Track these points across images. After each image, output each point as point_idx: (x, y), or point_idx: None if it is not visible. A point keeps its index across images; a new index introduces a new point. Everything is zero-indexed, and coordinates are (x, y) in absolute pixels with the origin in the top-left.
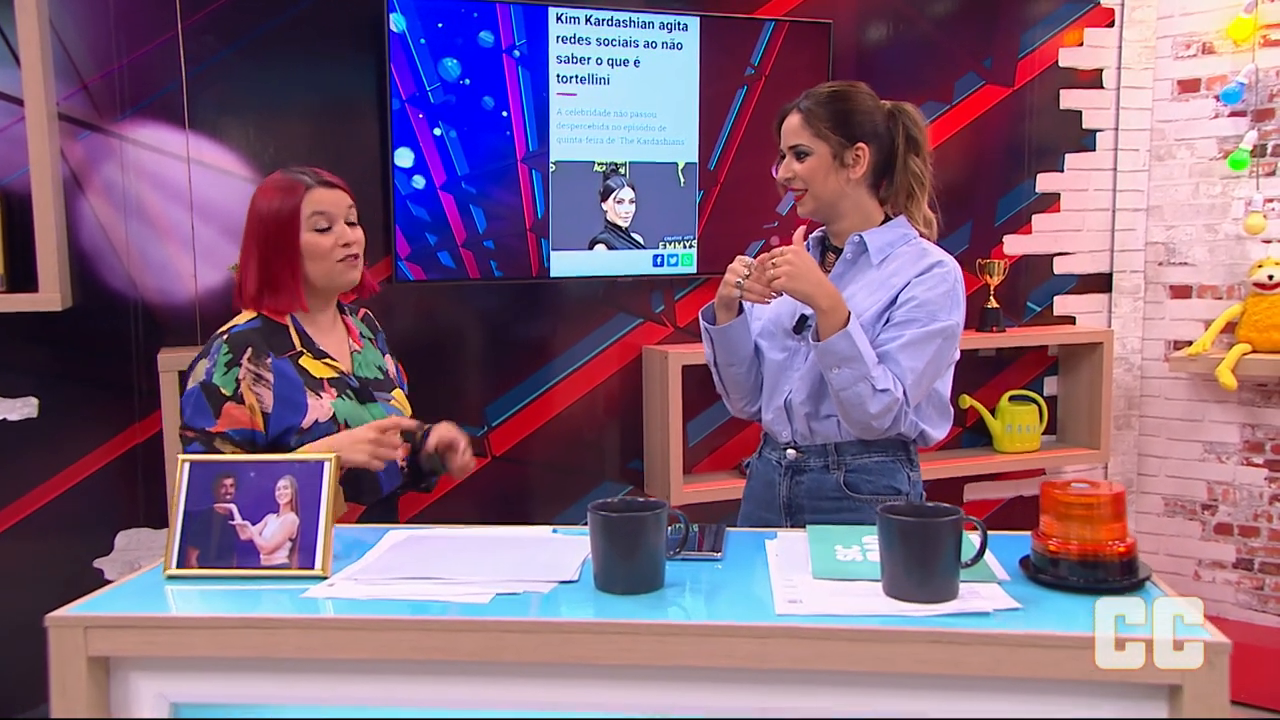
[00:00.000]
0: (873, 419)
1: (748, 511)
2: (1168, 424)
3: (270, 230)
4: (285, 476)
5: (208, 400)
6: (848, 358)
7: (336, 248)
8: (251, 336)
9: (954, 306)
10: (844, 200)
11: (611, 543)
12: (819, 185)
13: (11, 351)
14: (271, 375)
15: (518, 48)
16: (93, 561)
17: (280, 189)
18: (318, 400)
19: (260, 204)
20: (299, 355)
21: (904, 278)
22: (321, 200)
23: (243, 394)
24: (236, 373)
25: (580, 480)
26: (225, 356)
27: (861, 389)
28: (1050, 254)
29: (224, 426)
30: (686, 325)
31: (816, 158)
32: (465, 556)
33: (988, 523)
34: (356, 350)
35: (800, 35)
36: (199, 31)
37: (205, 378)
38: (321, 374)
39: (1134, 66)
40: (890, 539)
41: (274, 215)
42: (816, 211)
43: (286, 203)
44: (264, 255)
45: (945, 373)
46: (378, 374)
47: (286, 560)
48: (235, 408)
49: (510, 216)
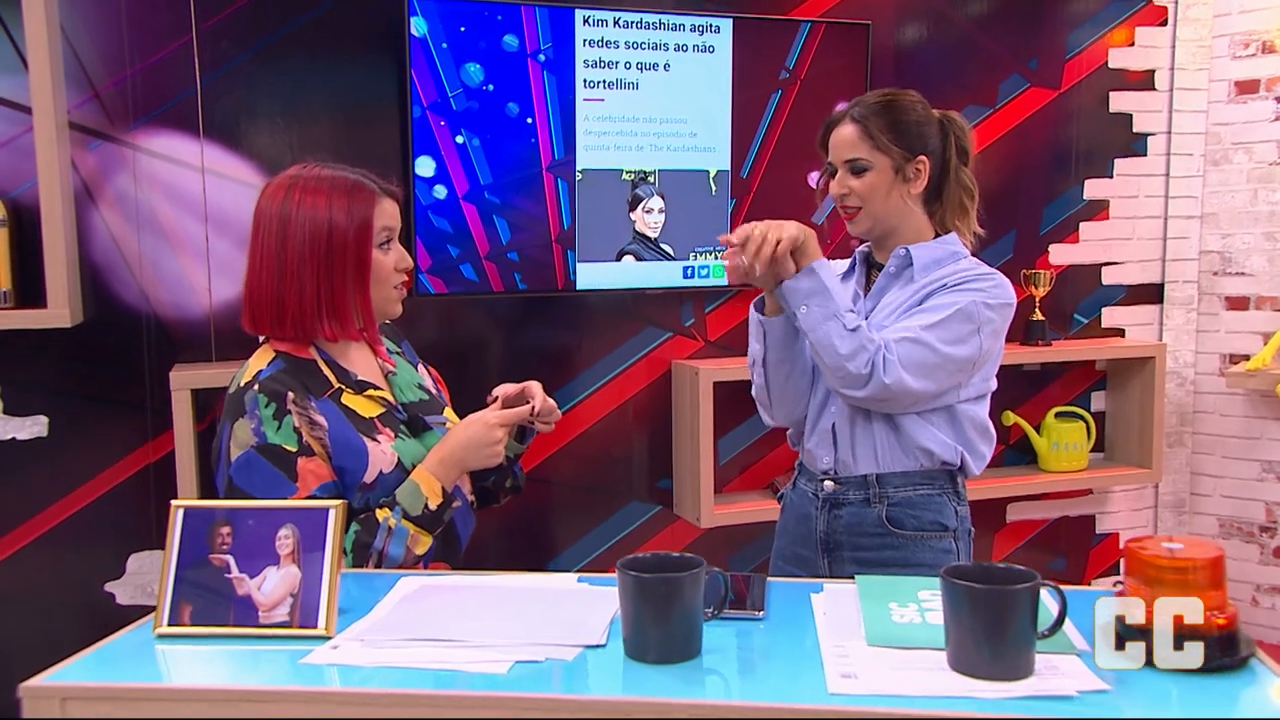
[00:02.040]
0: (845, 361)
1: (781, 547)
2: (1223, 441)
3: (338, 244)
4: (286, 525)
5: (276, 465)
6: (812, 292)
7: (396, 272)
8: (285, 380)
9: (986, 309)
10: (901, 218)
11: (643, 606)
12: (878, 203)
13: (21, 368)
14: (324, 420)
15: (543, 52)
16: (104, 585)
17: (347, 193)
18: (376, 446)
19: (313, 206)
20: (339, 393)
21: (940, 284)
22: (390, 213)
23: (309, 444)
24: (290, 421)
25: (607, 500)
26: (268, 409)
27: (831, 327)
28: (1098, 264)
29: (310, 489)
30: (718, 339)
31: (877, 173)
32: (483, 613)
33: (1031, 544)
34: (391, 372)
35: (837, 37)
36: (214, 37)
37: (259, 440)
38: (370, 412)
39: (1188, 67)
40: (957, 607)
41: (343, 225)
42: (871, 231)
43: (356, 213)
44: (323, 273)
45: (971, 377)
46: (421, 395)
47: (287, 618)
48: (309, 462)
49: (535, 227)
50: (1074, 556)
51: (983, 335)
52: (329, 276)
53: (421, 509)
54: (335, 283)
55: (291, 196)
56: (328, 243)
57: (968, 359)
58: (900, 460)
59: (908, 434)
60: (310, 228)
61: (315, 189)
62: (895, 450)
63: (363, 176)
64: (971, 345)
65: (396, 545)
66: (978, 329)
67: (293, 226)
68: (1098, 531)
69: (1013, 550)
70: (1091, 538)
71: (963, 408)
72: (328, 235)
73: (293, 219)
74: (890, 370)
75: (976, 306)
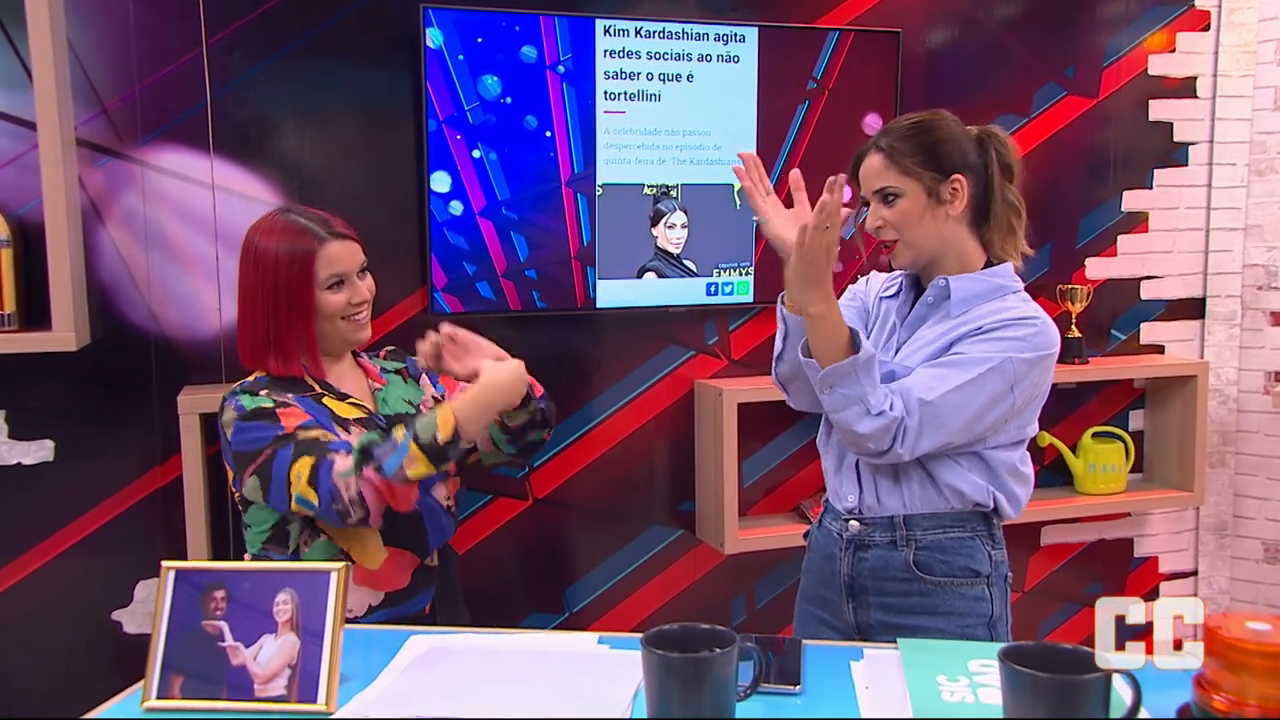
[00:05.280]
0: (866, 440)
1: (806, 587)
2: (1267, 462)
3: (279, 288)
4: (284, 590)
5: (259, 420)
6: (840, 376)
7: (347, 305)
8: (265, 385)
9: (1023, 363)
10: (943, 244)
11: (671, 687)
12: (914, 230)
13: (26, 391)
14: (299, 407)
15: (562, 63)
16: (111, 613)
17: (289, 247)
18: (347, 437)
19: (264, 254)
20: (320, 396)
21: (976, 327)
22: (336, 257)
23: (287, 403)
24: (264, 397)
25: (627, 524)
26: (244, 396)
27: (853, 412)
28: (1137, 278)
29: (294, 423)
30: (742, 358)
31: (908, 199)
32: (497, 686)
33: (1067, 568)
34: (379, 388)
35: (866, 45)
36: (224, 50)
37: (239, 411)
38: (347, 414)
39: (1232, 74)
40: (1020, 695)
41: (283, 271)
42: (915, 263)
43: (298, 259)
44: (269, 314)
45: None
46: (408, 409)
47: (284, 692)
48: (287, 411)
49: (554, 244)
50: (1111, 580)
51: (1017, 392)
52: (274, 315)
53: (430, 438)
54: (280, 322)
55: (248, 256)
56: (272, 285)
57: (996, 420)
58: (930, 500)
59: (937, 474)
60: (254, 270)
61: (264, 250)
62: (924, 490)
63: (310, 221)
64: (1003, 405)
65: (395, 458)
66: (1011, 387)
67: (247, 267)
68: (1136, 555)
69: (1047, 574)
70: (1130, 561)
71: (995, 454)
72: (272, 279)
73: (248, 261)
74: (907, 440)
75: (1011, 363)
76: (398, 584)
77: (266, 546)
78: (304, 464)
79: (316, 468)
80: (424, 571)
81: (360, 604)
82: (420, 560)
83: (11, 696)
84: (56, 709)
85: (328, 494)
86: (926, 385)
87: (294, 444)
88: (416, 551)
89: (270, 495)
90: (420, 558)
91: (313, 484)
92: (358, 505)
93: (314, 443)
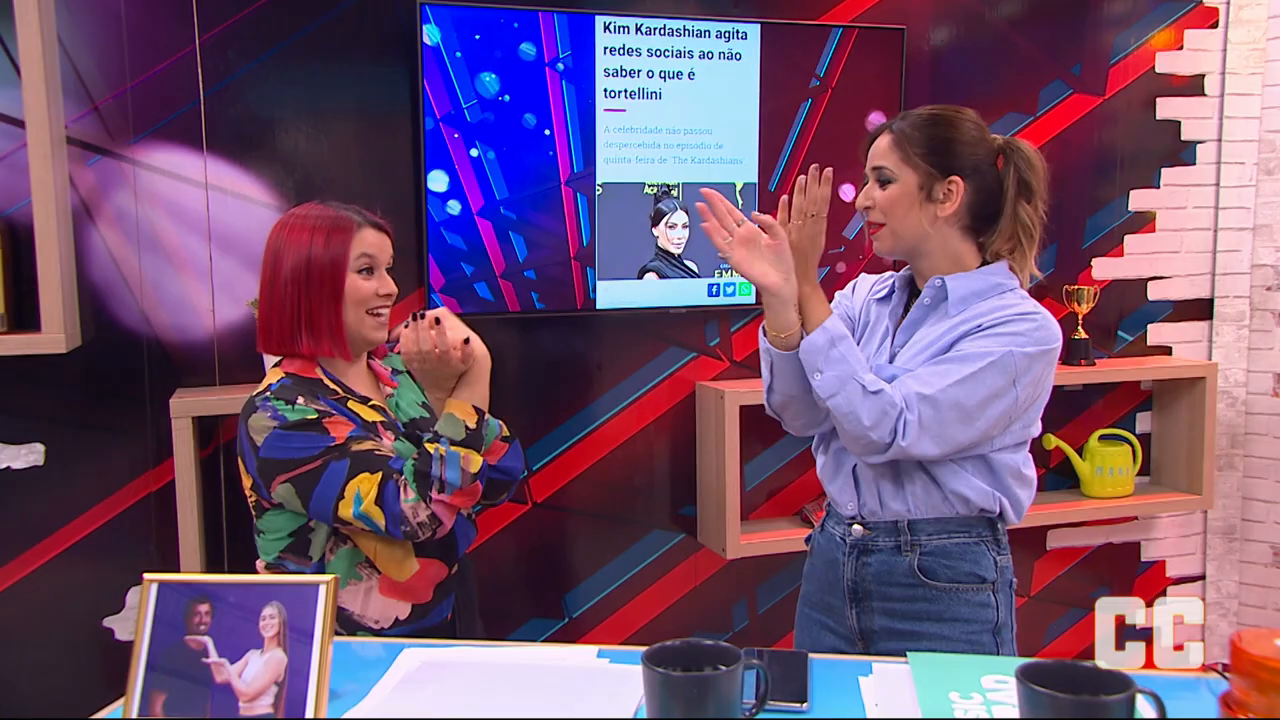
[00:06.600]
0: (869, 431)
1: (808, 593)
2: (1276, 465)
3: (315, 270)
4: (271, 604)
5: (305, 430)
6: (826, 349)
7: (375, 296)
8: (295, 389)
9: (1024, 358)
10: (926, 241)
11: (673, 707)
12: (898, 219)
13: (16, 394)
14: (342, 416)
15: (561, 60)
16: (102, 620)
17: (328, 225)
18: (387, 448)
19: (298, 239)
20: (344, 400)
21: (975, 325)
22: (371, 242)
23: (329, 412)
24: (303, 405)
25: (628, 529)
26: (279, 401)
27: (850, 391)
28: (1144, 278)
29: (344, 432)
30: (744, 359)
31: (900, 186)
32: (492, 703)
33: (1073, 572)
34: (391, 393)
35: (870, 42)
36: (218, 47)
37: (279, 420)
38: (372, 419)
39: (1240, 71)
40: (1038, 715)
41: (318, 247)
42: (894, 250)
43: (335, 241)
44: (301, 291)
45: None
46: (422, 413)
47: (270, 710)
48: (333, 420)
49: (553, 244)
50: (1118, 585)
51: (1019, 387)
52: (307, 297)
53: (463, 432)
54: (313, 303)
55: (283, 234)
56: (307, 269)
57: (1000, 416)
58: (934, 505)
59: (941, 478)
60: (293, 258)
61: (302, 227)
62: (928, 494)
63: (351, 211)
64: (1005, 400)
65: (452, 469)
66: (1013, 381)
67: (281, 257)
68: (1143, 559)
69: (1054, 578)
70: (1137, 565)
71: (999, 456)
72: (307, 263)
73: (282, 252)
74: (909, 434)
75: (1012, 357)
76: (424, 597)
77: (284, 555)
78: (366, 481)
79: (384, 490)
80: (445, 579)
81: (386, 616)
82: (448, 570)
83: (1, 704)
84: (47, 716)
85: (395, 518)
86: (926, 381)
87: (350, 457)
88: (445, 560)
89: (311, 503)
90: (448, 567)
91: (379, 504)
92: (427, 526)
93: (371, 457)
